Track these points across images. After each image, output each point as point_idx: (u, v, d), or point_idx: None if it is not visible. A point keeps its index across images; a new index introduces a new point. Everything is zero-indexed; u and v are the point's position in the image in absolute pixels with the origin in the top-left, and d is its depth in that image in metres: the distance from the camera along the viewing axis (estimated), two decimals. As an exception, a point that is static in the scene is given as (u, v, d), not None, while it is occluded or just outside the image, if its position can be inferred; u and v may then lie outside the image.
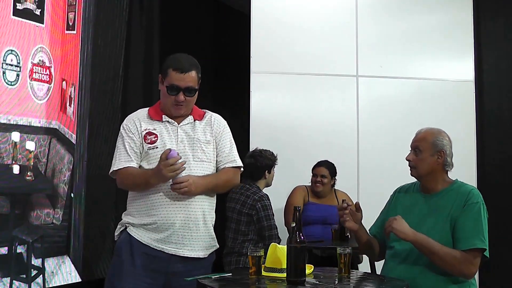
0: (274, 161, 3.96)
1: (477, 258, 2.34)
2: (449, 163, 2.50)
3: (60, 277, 3.74)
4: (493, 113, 4.94)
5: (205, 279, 2.23)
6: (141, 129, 2.47)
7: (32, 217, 3.59)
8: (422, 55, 4.86)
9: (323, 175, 4.18)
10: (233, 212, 3.75)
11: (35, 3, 3.61)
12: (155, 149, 2.43)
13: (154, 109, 2.54)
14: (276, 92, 4.76)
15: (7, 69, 3.41)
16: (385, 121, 4.72)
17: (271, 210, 3.74)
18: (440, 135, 2.53)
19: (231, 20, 4.78)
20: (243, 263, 3.63)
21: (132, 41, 4.42)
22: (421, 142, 2.51)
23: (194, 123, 2.52)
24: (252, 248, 2.39)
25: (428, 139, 2.51)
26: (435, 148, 2.48)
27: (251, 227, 3.70)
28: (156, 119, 2.50)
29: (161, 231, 2.40)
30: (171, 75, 2.43)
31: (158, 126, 2.48)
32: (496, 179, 4.83)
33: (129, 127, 2.49)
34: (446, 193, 2.47)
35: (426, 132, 2.54)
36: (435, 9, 4.91)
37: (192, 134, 2.48)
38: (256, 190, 3.79)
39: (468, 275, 2.35)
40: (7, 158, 3.42)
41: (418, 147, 2.51)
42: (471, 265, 2.32)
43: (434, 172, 2.49)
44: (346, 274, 2.36)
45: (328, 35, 4.78)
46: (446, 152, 2.49)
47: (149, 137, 2.45)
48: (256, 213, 3.68)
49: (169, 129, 2.48)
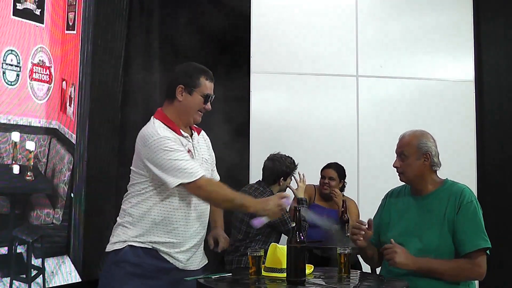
0: (292, 170, 3.88)
1: (483, 257, 2.35)
2: (436, 163, 2.50)
3: (60, 277, 3.74)
4: (493, 113, 4.93)
5: (205, 279, 2.23)
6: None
7: (32, 217, 3.59)
8: (422, 55, 4.87)
9: (331, 177, 4.15)
10: (245, 214, 3.68)
11: (35, 3, 3.61)
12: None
13: (167, 122, 2.40)
14: (276, 92, 4.76)
15: (7, 69, 3.41)
16: (385, 121, 4.72)
17: (286, 213, 3.70)
18: (424, 137, 2.52)
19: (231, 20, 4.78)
20: (244, 263, 3.62)
21: (132, 41, 4.41)
22: (406, 147, 2.51)
23: (198, 138, 2.52)
24: (252, 248, 2.39)
25: (412, 143, 2.50)
26: (420, 152, 2.48)
27: (261, 229, 3.65)
28: (178, 134, 2.40)
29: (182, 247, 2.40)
30: (205, 84, 2.41)
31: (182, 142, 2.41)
32: (496, 179, 4.83)
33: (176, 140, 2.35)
34: (438, 193, 2.47)
35: (410, 136, 2.53)
36: (435, 9, 4.92)
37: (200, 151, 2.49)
38: (270, 195, 3.72)
39: (479, 277, 2.37)
40: (7, 158, 3.42)
41: (403, 152, 2.51)
42: (479, 268, 2.34)
43: (422, 174, 2.49)
44: (346, 274, 2.36)
45: (328, 35, 4.78)
46: (432, 154, 2.48)
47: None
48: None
49: (188, 145, 2.43)
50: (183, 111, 2.43)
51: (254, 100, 4.63)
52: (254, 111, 4.62)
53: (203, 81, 2.41)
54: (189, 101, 2.41)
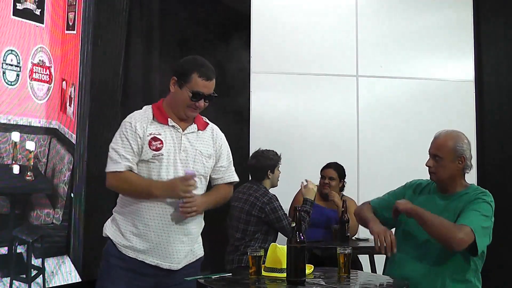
0: (277, 161, 3.92)
1: (467, 231, 2.26)
2: (469, 166, 2.50)
3: (60, 277, 3.74)
4: (493, 113, 4.94)
5: (205, 279, 2.23)
6: (147, 132, 2.35)
7: (32, 217, 3.59)
8: (422, 55, 4.87)
9: (331, 177, 4.16)
10: (241, 212, 3.73)
11: (35, 3, 3.61)
12: (160, 157, 2.33)
13: (159, 109, 2.42)
14: (276, 92, 4.76)
15: (7, 69, 3.41)
16: (385, 121, 4.72)
17: (281, 210, 3.73)
18: (460, 139, 2.49)
19: (231, 20, 4.79)
20: (245, 262, 3.63)
21: (132, 41, 4.41)
22: (441, 148, 2.47)
23: (197, 132, 2.45)
24: (252, 248, 2.40)
25: (448, 145, 2.46)
26: (455, 154, 2.46)
27: (259, 227, 3.70)
28: (162, 122, 2.39)
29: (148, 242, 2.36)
30: (196, 81, 2.34)
31: (163, 131, 2.37)
32: (496, 179, 4.83)
33: (135, 127, 2.35)
34: (462, 195, 2.46)
35: (446, 137, 2.49)
36: (435, 9, 4.92)
37: (196, 145, 2.41)
38: (264, 191, 3.78)
39: (456, 242, 2.26)
40: (7, 158, 3.42)
41: (438, 154, 2.47)
42: (458, 231, 2.26)
43: (454, 176, 2.49)
44: (346, 274, 2.36)
45: (328, 35, 4.79)
46: (467, 157, 2.47)
47: (154, 143, 2.34)
48: (265, 215, 3.69)
49: (173, 136, 2.38)
50: (173, 104, 2.41)
51: (254, 100, 4.63)
52: (254, 111, 4.62)
53: (194, 77, 2.34)
54: (178, 94, 2.38)
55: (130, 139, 2.34)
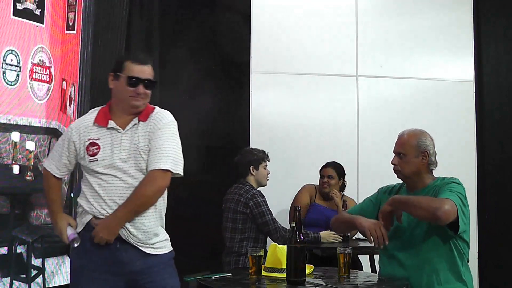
0: (262, 158, 3.89)
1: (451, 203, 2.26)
2: (434, 162, 2.54)
3: (60, 277, 3.74)
4: (493, 113, 4.94)
5: (205, 279, 2.23)
6: (85, 138, 2.36)
7: (32, 217, 3.59)
8: (422, 55, 4.87)
9: (330, 175, 4.16)
10: (228, 212, 3.76)
11: (35, 3, 3.61)
12: (95, 162, 2.32)
13: (103, 112, 2.41)
14: (276, 92, 4.76)
15: (7, 69, 3.41)
16: (385, 121, 4.72)
17: (265, 206, 3.71)
18: (423, 135, 2.55)
19: (231, 20, 4.78)
20: (242, 263, 3.63)
21: (132, 41, 4.41)
22: (404, 145, 2.54)
23: (138, 125, 2.37)
24: (252, 248, 2.40)
25: (411, 141, 2.53)
26: (419, 150, 2.51)
27: (247, 224, 3.70)
28: (102, 125, 2.36)
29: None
30: (130, 67, 2.33)
31: (102, 135, 2.35)
32: (496, 179, 4.84)
33: (71, 134, 2.38)
34: (432, 187, 2.49)
35: (409, 134, 2.57)
36: (435, 9, 4.92)
37: (135, 140, 2.34)
38: (249, 188, 3.78)
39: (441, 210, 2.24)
40: (7, 158, 3.42)
41: (401, 151, 2.54)
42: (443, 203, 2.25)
43: (419, 172, 2.53)
44: (346, 274, 2.37)
45: (328, 35, 4.78)
46: (430, 152, 2.52)
47: (92, 148, 2.34)
48: (250, 211, 3.68)
49: (113, 137, 2.35)
50: (117, 99, 2.39)
51: (254, 100, 4.63)
52: (254, 111, 4.62)
53: (127, 64, 2.34)
54: (117, 86, 2.37)
55: (65, 145, 2.41)
